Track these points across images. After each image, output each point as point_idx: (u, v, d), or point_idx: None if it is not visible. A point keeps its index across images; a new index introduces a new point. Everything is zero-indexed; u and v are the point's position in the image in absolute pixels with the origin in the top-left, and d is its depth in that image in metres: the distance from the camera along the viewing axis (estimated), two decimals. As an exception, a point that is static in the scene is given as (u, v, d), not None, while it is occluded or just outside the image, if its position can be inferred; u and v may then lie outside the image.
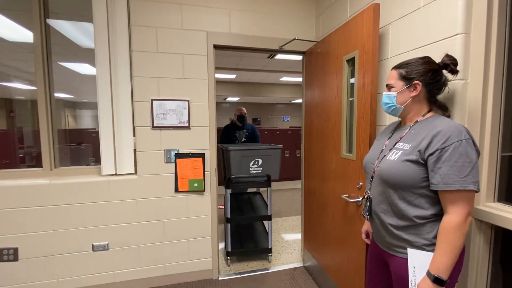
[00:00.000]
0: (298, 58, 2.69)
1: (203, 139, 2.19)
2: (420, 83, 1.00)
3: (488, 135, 1.16)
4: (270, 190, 2.59)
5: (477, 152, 0.90)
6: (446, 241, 0.87)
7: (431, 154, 0.90)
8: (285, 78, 7.26)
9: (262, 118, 11.95)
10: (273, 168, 2.59)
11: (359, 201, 1.55)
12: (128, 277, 2.12)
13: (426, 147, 0.91)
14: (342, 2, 1.93)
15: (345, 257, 1.74)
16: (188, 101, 2.13)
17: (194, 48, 2.12)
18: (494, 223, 1.10)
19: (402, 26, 1.41)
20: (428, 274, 0.89)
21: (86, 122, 9.53)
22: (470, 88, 1.13)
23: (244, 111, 3.48)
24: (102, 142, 2.00)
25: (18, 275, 1.92)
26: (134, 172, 2.09)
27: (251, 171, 2.52)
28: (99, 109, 1.97)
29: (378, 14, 1.44)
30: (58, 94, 2.22)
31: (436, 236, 0.93)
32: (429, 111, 1.04)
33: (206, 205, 2.24)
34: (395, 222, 1.01)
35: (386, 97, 1.09)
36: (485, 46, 1.12)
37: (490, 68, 1.14)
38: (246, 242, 2.68)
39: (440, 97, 1.08)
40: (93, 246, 2.02)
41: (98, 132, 1.99)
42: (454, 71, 1.02)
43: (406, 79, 1.02)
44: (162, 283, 2.20)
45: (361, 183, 1.55)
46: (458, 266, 0.95)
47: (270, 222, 2.57)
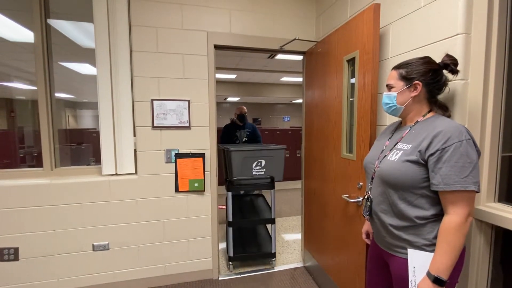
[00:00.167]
0: (299, 58, 2.69)
1: (204, 139, 2.19)
2: (420, 83, 1.00)
3: (488, 135, 1.16)
4: (273, 192, 2.48)
5: (477, 152, 0.89)
6: (446, 241, 0.87)
7: (432, 154, 0.90)
8: (285, 78, 7.26)
9: (263, 118, 11.95)
10: (276, 169, 2.48)
11: (360, 201, 1.55)
12: (128, 277, 2.12)
13: (427, 148, 0.91)
14: (343, 2, 1.93)
15: (345, 257, 1.74)
16: (188, 101, 2.13)
17: (195, 48, 2.12)
18: (495, 224, 1.10)
19: (403, 26, 1.41)
20: (428, 274, 0.89)
21: (86, 122, 9.54)
22: (470, 88, 1.13)
23: (244, 110, 3.42)
24: (102, 142, 2.00)
25: (19, 275, 1.92)
26: (134, 172, 2.10)
27: (254, 173, 2.41)
28: (100, 109, 1.97)
29: (378, 14, 1.44)
30: (58, 94, 2.22)
31: (436, 236, 0.93)
32: (429, 111, 1.04)
33: (206, 205, 2.24)
34: (396, 222, 1.01)
35: (386, 97, 1.08)
36: (485, 46, 1.12)
37: (491, 68, 1.14)
38: (248, 246, 2.58)
39: (440, 97, 1.07)
40: (93, 246, 2.03)
41: (99, 132, 1.99)
42: (455, 71, 1.02)
43: (406, 79, 1.02)
44: (162, 283, 2.20)
45: (361, 183, 1.55)
46: (459, 267, 0.95)
47: (273, 225, 2.46)
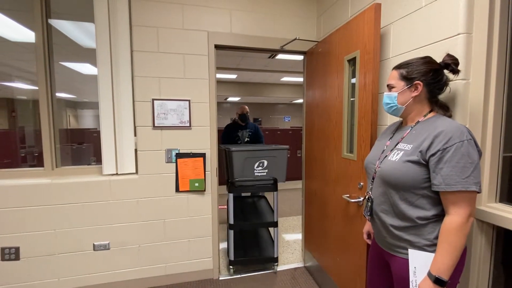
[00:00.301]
0: (299, 58, 2.69)
1: (204, 139, 2.20)
2: (421, 83, 1.00)
3: (490, 136, 1.15)
4: (276, 195, 2.37)
5: (479, 152, 0.89)
6: (447, 241, 0.87)
7: (433, 154, 0.90)
8: (286, 78, 7.26)
9: (263, 118, 11.95)
10: (279, 170, 2.38)
11: (360, 201, 1.54)
12: (128, 276, 2.12)
13: (428, 148, 0.91)
14: (343, 2, 1.93)
15: (346, 257, 1.74)
16: (189, 101, 2.13)
17: (195, 48, 2.12)
18: (496, 224, 1.10)
19: (404, 26, 1.41)
20: (429, 274, 0.89)
21: (87, 122, 9.56)
22: (471, 88, 1.12)
23: (246, 110, 3.36)
24: (103, 141, 2.00)
25: (20, 274, 1.92)
26: (135, 171, 2.10)
27: (256, 174, 2.32)
28: (101, 109, 1.98)
29: (379, 14, 1.43)
30: (59, 94, 2.23)
31: (437, 236, 0.92)
32: (430, 111, 1.03)
33: (207, 205, 2.24)
34: (396, 222, 1.01)
35: (387, 97, 1.08)
36: (487, 46, 1.12)
37: (492, 68, 1.14)
38: (250, 250, 2.50)
39: (441, 97, 1.07)
40: (94, 245, 2.03)
41: (99, 132, 1.99)
42: (456, 71, 1.01)
43: (407, 79, 1.02)
44: (163, 283, 2.20)
45: (362, 183, 1.54)
46: (460, 267, 0.94)
47: (276, 229, 2.38)
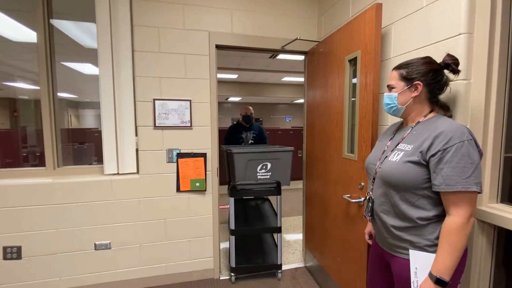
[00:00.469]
0: (300, 58, 2.69)
1: (205, 139, 2.20)
2: (421, 83, 0.99)
3: (491, 136, 1.15)
4: (279, 199, 2.27)
5: (479, 153, 0.89)
6: (448, 242, 0.87)
7: (433, 155, 0.89)
8: (287, 78, 7.26)
9: (264, 118, 11.96)
10: (283, 173, 2.27)
11: (361, 201, 1.54)
12: (129, 276, 2.13)
13: (428, 148, 0.91)
14: (344, 2, 1.92)
15: (346, 257, 1.74)
16: (190, 101, 2.13)
17: (196, 48, 2.12)
18: (497, 224, 1.10)
19: (405, 26, 1.41)
20: (430, 275, 0.89)
21: (88, 121, 9.59)
22: (473, 88, 1.12)
23: (250, 111, 3.22)
24: (104, 141, 2.01)
25: (21, 273, 1.93)
26: (136, 171, 2.10)
27: (259, 177, 2.22)
28: (102, 108, 1.98)
29: (380, 14, 1.43)
30: (61, 94, 2.24)
31: (438, 237, 0.92)
32: (431, 112, 1.03)
33: (208, 204, 2.24)
34: (397, 223, 1.01)
35: (387, 97, 1.08)
36: (488, 46, 1.11)
37: (494, 68, 1.13)
38: (252, 256, 2.41)
39: (442, 97, 1.07)
40: (95, 245, 2.04)
41: (101, 131, 2.00)
42: (456, 71, 1.01)
43: (407, 80, 1.02)
44: (164, 282, 2.21)
45: (362, 184, 1.54)
46: (461, 267, 0.94)
47: (279, 234, 2.28)
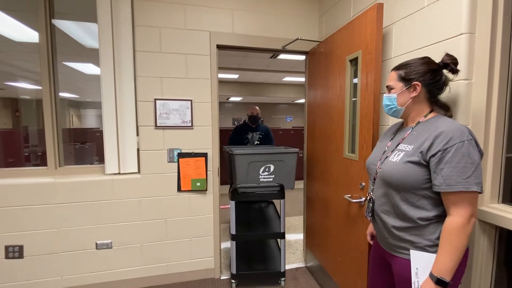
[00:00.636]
0: (301, 58, 2.69)
1: (206, 139, 2.20)
2: (419, 84, 0.99)
3: (492, 136, 1.15)
4: (283, 203, 2.14)
5: (480, 153, 0.89)
6: (449, 242, 0.87)
7: (433, 155, 0.89)
8: (288, 78, 7.26)
9: (265, 118, 11.95)
10: (287, 176, 2.15)
11: (362, 201, 1.54)
12: (130, 275, 2.13)
13: (428, 148, 0.91)
14: (345, 2, 1.92)
15: (347, 257, 1.74)
16: (191, 101, 2.13)
17: (197, 48, 2.12)
18: (498, 225, 1.09)
19: (406, 26, 1.41)
20: (430, 275, 0.89)
21: (90, 121, 9.61)
22: (474, 88, 1.12)
23: (257, 111, 3.08)
24: (106, 141, 2.01)
25: (23, 272, 1.94)
26: (137, 171, 2.11)
27: (261, 179, 2.12)
28: (103, 108, 1.99)
29: (381, 14, 1.43)
30: (62, 94, 2.24)
31: (439, 237, 0.92)
32: (431, 111, 1.03)
33: (209, 204, 2.24)
34: (398, 223, 1.01)
35: (386, 98, 1.08)
36: (490, 45, 1.11)
37: (495, 68, 1.13)
38: (254, 262, 2.29)
39: (444, 97, 1.07)
40: (96, 244, 2.04)
41: (102, 131, 2.00)
42: (455, 71, 1.01)
43: (406, 80, 1.02)
44: (165, 282, 2.21)
45: (363, 184, 1.54)
46: (462, 268, 0.94)
47: (283, 240, 2.16)
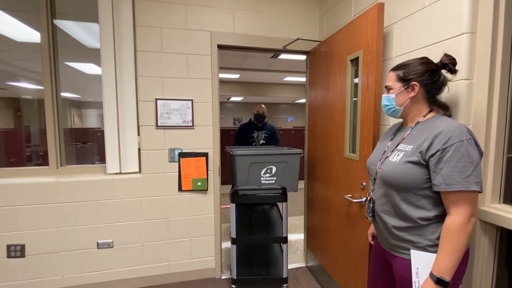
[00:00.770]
0: (302, 58, 2.68)
1: (207, 139, 2.20)
2: (417, 84, 1.00)
3: (493, 136, 1.15)
4: (285, 206, 2.04)
5: (479, 152, 0.89)
6: (449, 242, 0.87)
7: (433, 155, 0.89)
8: (288, 78, 7.26)
9: (266, 118, 11.93)
10: (290, 178, 2.06)
11: (362, 201, 1.54)
12: (131, 274, 2.14)
13: (428, 148, 0.91)
14: (346, 2, 1.92)
15: (348, 257, 1.74)
16: (192, 100, 2.14)
17: (198, 48, 2.13)
18: (499, 225, 1.09)
19: (407, 26, 1.40)
20: (431, 275, 0.89)
21: (91, 121, 9.64)
22: (475, 88, 1.12)
23: (263, 109, 2.99)
24: (107, 141, 2.02)
25: (25, 272, 1.95)
26: (138, 171, 2.11)
27: (263, 181, 2.05)
28: (104, 108, 1.99)
29: (382, 14, 1.43)
30: (64, 94, 2.25)
31: (439, 237, 0.92)
32: (430, 111, 1.03)
33: (210, 204, 2.25)
34: (398, 223, 1.01)
35: (385, 99, 1.09)
36: (491, 45, 1.11)
37: (496, 68, 1.13)
38: (255, 267, 2.22)
39: (445, 97, 1.07)
40: (97, 243, 2.05)
41: (103, 131, 2.01)
42: (453, 71, 1.01)
43: (404, 81, 1.02)
44: (165, 281, 2.22)
45: (364, 184, 1.54)
46: (462, 268, 0.94)
47: (286, 245, 2.06)
